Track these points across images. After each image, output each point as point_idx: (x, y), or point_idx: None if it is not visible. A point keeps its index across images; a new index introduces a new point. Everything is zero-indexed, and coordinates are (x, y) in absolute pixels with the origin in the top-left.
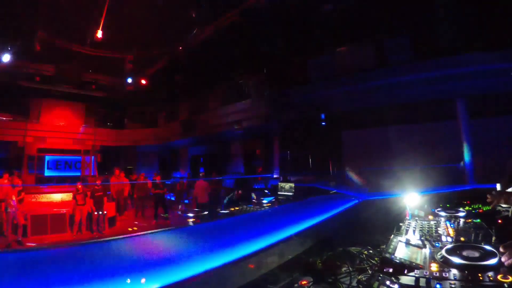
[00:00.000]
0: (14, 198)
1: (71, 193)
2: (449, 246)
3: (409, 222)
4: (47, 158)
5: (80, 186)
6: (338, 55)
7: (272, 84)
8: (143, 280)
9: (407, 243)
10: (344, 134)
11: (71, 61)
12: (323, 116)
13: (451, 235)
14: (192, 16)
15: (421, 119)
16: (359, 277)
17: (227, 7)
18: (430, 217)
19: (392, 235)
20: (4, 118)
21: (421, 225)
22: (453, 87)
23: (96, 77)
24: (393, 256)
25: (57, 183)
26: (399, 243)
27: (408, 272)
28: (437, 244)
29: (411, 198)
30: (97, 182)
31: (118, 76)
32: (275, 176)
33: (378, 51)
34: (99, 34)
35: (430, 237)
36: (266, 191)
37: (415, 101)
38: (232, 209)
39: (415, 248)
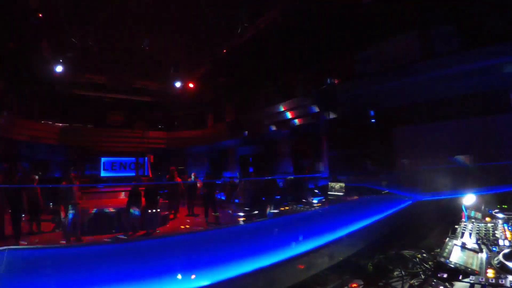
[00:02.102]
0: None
1: (126, 192)
2: (506, 250)
3: (465, 225)
4: (103, 159)
5: (133, 186)
6: (383, 48)
7: (318, 81)
8: (193, 277)
9: (463, 247)
10: (395, 131)
11: (120, 69)
12: (372, 112)
13: (509, 238)
14: (234, 17)
15: (474, 113)
16: (412, 281)
17: (269, 5)
18: (487, 219)
19: (447, 238)
20: (61, 125)
21: (477, 227)
22: (507, 77)
23: (145, 83)
24: (447, 261)
25: (113, 183)
26: (455, 246)
27: (463, 277)
28: (494, 249)
29: (467, 199)
30: (151, 182)
31: (166, 81)
32: (323, 176)
33: (424, 41)
34: (146, 42)
35: (487, 240)
36: (316, 190)
37: (467, 93)
38: (282, 208)
39: (471, 253)
